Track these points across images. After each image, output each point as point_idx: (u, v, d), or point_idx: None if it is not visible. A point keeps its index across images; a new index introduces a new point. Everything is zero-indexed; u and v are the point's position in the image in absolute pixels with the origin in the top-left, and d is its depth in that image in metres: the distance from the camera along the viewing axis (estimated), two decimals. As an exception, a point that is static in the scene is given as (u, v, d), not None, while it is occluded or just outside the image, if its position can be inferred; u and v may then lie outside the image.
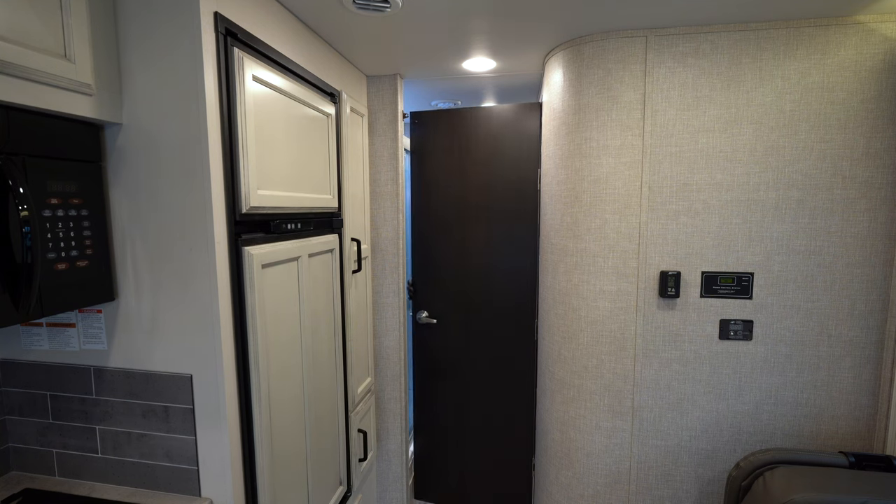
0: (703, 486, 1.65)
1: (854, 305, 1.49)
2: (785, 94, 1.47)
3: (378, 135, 2.03)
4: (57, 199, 0.91)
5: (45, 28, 0.84)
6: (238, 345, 1.10)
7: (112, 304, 1.09)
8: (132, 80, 1.01)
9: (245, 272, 1.10)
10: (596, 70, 1.57)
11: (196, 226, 1.01)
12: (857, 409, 1.53)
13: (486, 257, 2.16)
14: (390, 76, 1.99)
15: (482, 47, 1.68)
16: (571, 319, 1.71)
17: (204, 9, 0.97)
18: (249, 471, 1.14)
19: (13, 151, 0.83)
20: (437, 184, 2.17)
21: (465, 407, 2.26)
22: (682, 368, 1.61)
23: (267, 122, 1.18)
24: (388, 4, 1.29)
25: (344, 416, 1.69)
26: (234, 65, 1.05)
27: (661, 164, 1.55)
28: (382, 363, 2.14)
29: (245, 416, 1.12)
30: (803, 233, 1.50)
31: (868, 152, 1.44)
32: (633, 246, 1.59)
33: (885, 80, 1.42)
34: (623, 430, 1.67)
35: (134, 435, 1.11)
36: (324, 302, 1.52)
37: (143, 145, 1.02)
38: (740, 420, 1.60)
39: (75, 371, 1.13)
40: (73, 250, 0.95)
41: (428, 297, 2.24)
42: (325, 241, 1.51)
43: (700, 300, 1.57)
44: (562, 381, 1.77)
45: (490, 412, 2.24)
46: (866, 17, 1.41)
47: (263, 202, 1.15)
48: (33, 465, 1.19)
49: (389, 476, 2.20)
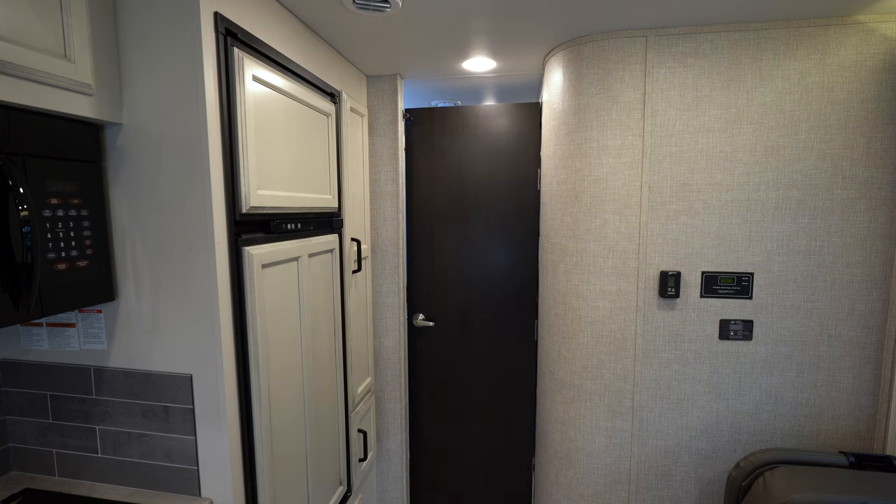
0: (703, 486, 1.65)
1: (854, 305, 1.49)
2: (785, 94, 1.47)
3: (378, 135, 2.03)
4: (57, 199, 0.91)
5: (45, 28, 0.84)
6: (238, 345, 1.10)
7: (112, 304, 1.09)
8: (132, 80, 1.01)
9: (245, 272, 1.10)
10: (596, 70, 1.57)
11: (196, 226, 1.01)
12: (857, 409, 1.53)
13: (486, 257, 2.16)
14: (390, 76, 1.99)
15: (482, 47, 1.68)
16: (571, 319, 1.71)
17: (204, 9, 0.97)
18: (249, 471, 1.14)
19: (13, 151, 0.83)
20: (434, 183, 2.17)
21: (465, 407, 2.25)
22: (682, 368, 1.61)
23: (267, 122, 1.18)
24: (388, 4, 1.29)
25: (344, 416, 1.69)
26: (234, 65, 1.05)
27: (661, 164, 1.55)
28: (382, 363, 2.14)
29: (245, 416, 1.12)
30: (803, 233, 1.50)
31: (868, 152, 1.44)
32: (633, 246, 1.59)
33: (885, 80, 1.42)
34: (623, 430, 1.67)
35: (134, 435, 1.11)
36: (324, 302, 1.52)
37: (143, 145, 1.02)
38: (740, 420, 1.60)
39: (75, 371, 1.13)
40: (73, 250, 0.95)
41: (425, 300, 2.23)
42: (325, 241, 1.51)
43: (700, 300, 1.57)
44: (562, 381, 1.77)
45: (490, 412, 2.23)
46: (866, 17, 1.41)
47: (263, 202, 1.15)
48: (33, 465, 1.19)
49: (389, 476, 2.20)
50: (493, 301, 2.17)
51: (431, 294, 2.23)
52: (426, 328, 2.25)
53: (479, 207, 2.14)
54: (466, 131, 2.12)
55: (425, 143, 2.16)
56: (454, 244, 2.18)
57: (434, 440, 2.31)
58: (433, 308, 2.23)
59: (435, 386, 2.27)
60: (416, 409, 2.31)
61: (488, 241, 2.15)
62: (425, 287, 2.23)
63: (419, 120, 2.15)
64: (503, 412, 2.22)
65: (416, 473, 2.35)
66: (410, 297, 2.24)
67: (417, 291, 2.24)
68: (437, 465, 2.32)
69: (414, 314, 2.24)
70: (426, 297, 2.23)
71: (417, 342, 2.27)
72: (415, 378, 2.29)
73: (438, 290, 2.22)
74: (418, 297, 2.24)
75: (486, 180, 2.12)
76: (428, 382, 2.28)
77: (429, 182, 2.18)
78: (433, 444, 2.31)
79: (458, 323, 2.21)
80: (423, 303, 2.24)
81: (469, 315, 2.20)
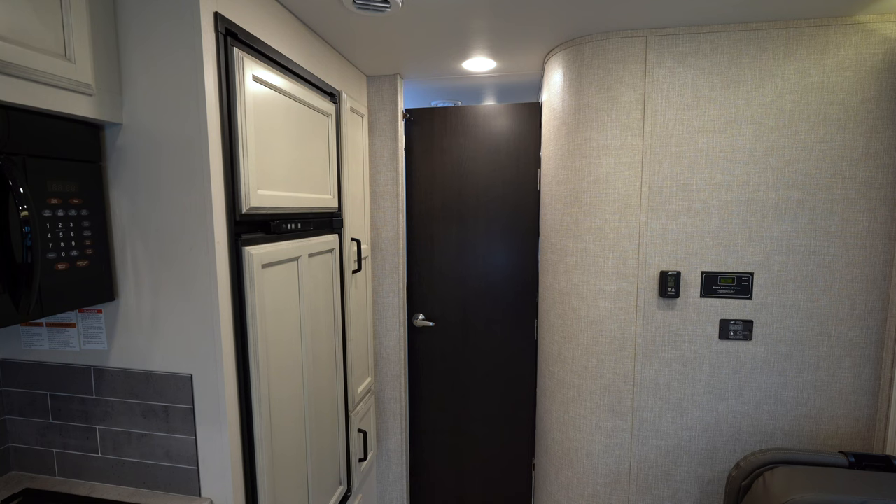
0: (703, 486, 1.65)
1: (854, 305, 1.49)
2: (785, 94, 1.47)
3: (378, 135, 2.03)
4: (57, 199, 0.91)
5: (45, 28, 0.84)
6: (238, 345, 1.10)
7: (112, 304, 1.09)
8: (132, 80, 1.01)
9: (245, 272, 1.10)
10: (596, 70, 1.57)
11: (196, 226, 1.01)
12: (857, 409, 1.53)
13: (486, 257, 2.16)
14: (390, 76, 1.99)
15: (482, 47, 1.68)
16: (571, 319, 1.71)
17: (204, 9, 0.97)
18: (249, 471, 1.14)
19: (13, 151, 0.83)
20: (434, 183, 2.17)
21: (465, 407, 2.26)
22: (682, 368, 1.61)
23: (267, 121, 1.18)
24: (388, 4, 1.29)
25: (344, 416, 1.69)
26: (234, 65, 1.05)
27: (661, 165, 1.55)
28: (382, 363, 2.14)
29: (245, 416, 1.12)
30: (803, 233, 1.50)
31: (868, 152, 1.44)
32: (633, 246, 1.59)
33: (885, 80, 1.42)
34: (623, 430, 1.67)
35: (134, 435, 1.11)
36: (324, 302, 1.52)
37: (143, 145, 1.02)
38: (740, 420, 1.60)
39: (75, 371, 1.13)
40: (74, 250, 0.95)
41: (425, 300, 2.24)
42: (325, 241, 1.51)
43: (700, 300, 1.57)
44: (562, 381, 1.77)
45: (490, 412, 2.23)
46: (866, 17, 1.41)
47: (263, 202, 1.15)
48: (33, 465, 1.19)
49: (389, 476, 2.20)
50: (494, 301, 2.17)
51: (431, 294, 2.23)
52: (426, 328, 2.25)
53: (479, 207, 2.14)
54: (466, 131, 2.12)
55: (425, 143, 2.16)
56: (454, 244, 2.18)
57: (434, 440, 2.31)
58: (433, 308, 2.23)
59: (435, 386, 2.27)
60: (416, 409, 2.31)
61: (488, 241, 2.15)
62: (425, 287, 2.23)
63: (419, 120, 2.15)
64: (503, 412, 2.22)
65: (416, 473, 2.35)
66: (410, 297, 2.24)
67: (417, 291, 2.24)
68: (437, 465, 2.32)
69: (414, 314, 2.24)
70: (426, 297, 2.23)
71: (417, 342, 2.27)
72: (415, 378, 2.29)
73: (438, 290, 2.22)
74: (418, 297, 2.24)
75: (486, 180, 2.12)
76: (428, 382, 2.28)
77: (429, 182, 2.18)
78: (433, 443, 2.31)
79: (459, 323, 2.21)
80: (423, 303, 2.24)
81: (469, 315, 2.20)
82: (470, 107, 2.11)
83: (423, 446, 2.33)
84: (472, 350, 2.22)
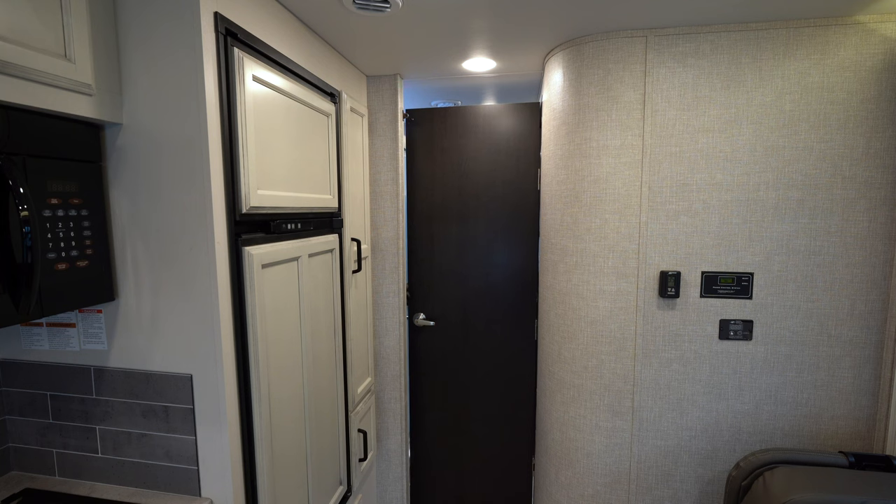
0: (703, 486, 1.65)
1: (854, 305, 1.49)
2: (785, 94, 1.47)
3: (378, 135, 2.03)
4: (57, 199, 0.91)
5: (45, 28, 0.84)
6: (238, 345, 1.10)
7: (112, 304, 1.09)
8: (132, 80, 1.01)
9: (245, 272, 1.10)
10: (596, 70, 1.57)
11: (196, 226, 1.01)
12: (857, 409, 1.53)
13: (486, 257, 2.16)
14: (390, 76, 1.99)
15: (482, 47, 1.68)
16: (571, 319, 1.71)
17: (204, 9, 0.97)
18: (249, 471, 1.14)
19: (13, 151, 0.83)
20: (434, 183, 2.17)
21: (465, 407, 2.26)
22: (682, 368, 1.61)
23: (267, 121, 1.18)
24: (388, 4, 1.29)
25: (344, 416, 1.69)
26: (234, 65, 1.05)
27: (661, 165, 1.55)
28: (382, 363, 2.14)
29: (245, 416, 1.12)
30: (803, 233, 1.50)
31: (868, 152, 1.44)
32: (633, 246, 1.59)
33: (885, 80, 1.42)
34: (623, 430, 1.67)
35: (134, 435, 1.11)
36: (324, 302, 1.52)
37: (143, 145, 1.02)
38: (740, 420, 1.60)
39: (75, 371, 1.13)
40: (74, 250, 0.95)
41: (425, 299, 2.24)
42: (325, 241, 1.51)
43: (700, 300, 1.57)
44: (562, 381, 1.77)
45: (490, 412, 2.24)
46: (866, 17, 1.41)
47: (263, 202, 1.15)
48: (33, 465, 1.19)
49: (389, 476, 2.20)
50: (494, 301, 2.17)
51: (432, 294, 2.23)
52: (426, 328, 2.25)
53: (480, 207, 2.14)
54: (466, 131, 2.12)
55: (425, 143, 2.16)
56: (454, 244, 2.18)
57: (434, 440, 2.31)
58: (433, 308, 2.23)
59: (435, 386, 2.27)
60: (417, 409, 2.31)
61: (488, 241, 2.15)
62: (425, 287, 2.23)
63: (419, 120, 2.15)
64: (503, 412, 2.22)
65: (416, 473, 2.35)
66: (411, 296, 2.25)
67: (418, 291, 2.24)
68: (437, 465, 2.32)
69: (414, 314, 2.25)
70: (426, 297, 2.23)
71: (418, 342, 2.27)
72: (415, 378, 2.29)
73: (439, 289, 2.22)
74: (419, 297, 2.24)
75: (486, 180, 2.12)
76: (428, 382, 2.28)
77: (429, 182, 2.18)
78: (433, 443, 2.31)
79: (459, 323, 2.21)
80: (424, 302, 2.24)
81: (469, 315, 2.20)
82: (470, 107, 2.11)
83: (423, 446, 2.33)
84: (473, 350, 2.22)
